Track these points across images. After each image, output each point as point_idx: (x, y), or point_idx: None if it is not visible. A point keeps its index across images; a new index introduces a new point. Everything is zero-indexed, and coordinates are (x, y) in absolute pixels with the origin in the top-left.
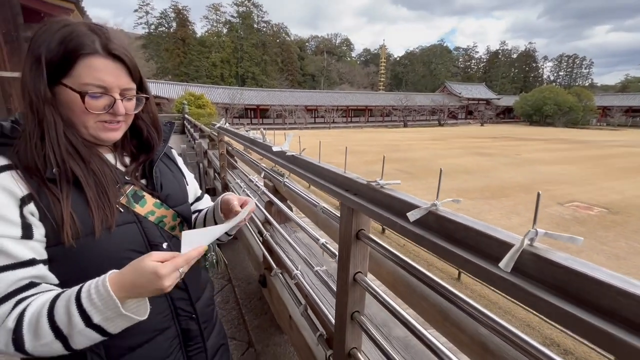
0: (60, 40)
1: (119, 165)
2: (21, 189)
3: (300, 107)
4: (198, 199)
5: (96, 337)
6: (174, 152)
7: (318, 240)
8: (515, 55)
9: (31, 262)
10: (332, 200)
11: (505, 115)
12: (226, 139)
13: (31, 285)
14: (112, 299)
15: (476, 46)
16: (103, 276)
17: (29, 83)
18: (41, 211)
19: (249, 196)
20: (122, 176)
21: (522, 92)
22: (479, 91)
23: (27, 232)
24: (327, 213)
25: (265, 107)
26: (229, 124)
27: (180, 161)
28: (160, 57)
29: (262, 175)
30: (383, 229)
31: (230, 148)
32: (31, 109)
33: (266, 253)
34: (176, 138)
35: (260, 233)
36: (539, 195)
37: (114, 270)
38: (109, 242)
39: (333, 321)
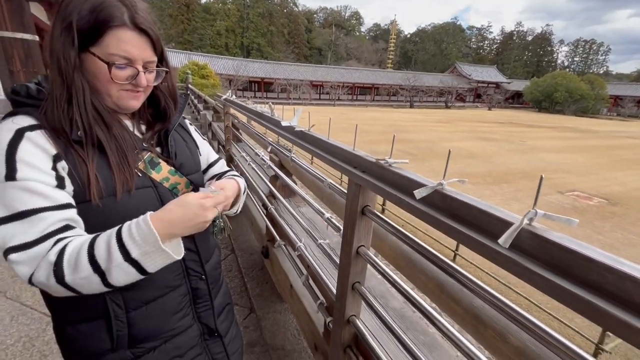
0: (91, 9)
1: (136, 132)
2: (52, 147)
3: (305, 82)
4: (212, 164)
5: (134, 273)
6: (187, 122)
7: (323, 214)
8: (530, 38)
9: (67, 206)
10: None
11: (514, 100)
12: (232, 111)
13: (68, 227)
14: (153, 233)
15: (490, 26)
16: (144, 215)
17: (59, 48)
18: (69, 170)
19: (254, 170)
20: (140, 142)
21: (533, 77)
22: (490, 74)
23: (60, 183)
24: (334, 189)
25: (270, 80)
26: (236, 96)
27: (192, 129)
28: (163, 23)
29: (269, 150)
30: (382, 209)
31: (235, 121)
32: (59, 74)
33: (270, 225)
34: None
35: (264, 206)
36: (541, 178)
37: (151, 212)
38: (128, 203)
39: (334, 290)
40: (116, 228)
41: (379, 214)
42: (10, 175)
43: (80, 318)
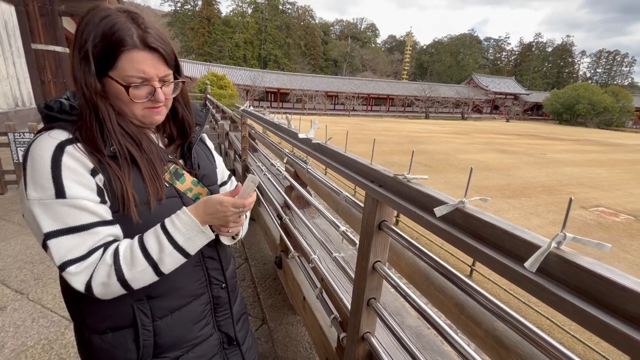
0: (102, 35)
1: (160, 145)
2: (89, 161)
3: (320, 92)
4: (225, 182)
5: (179, 258)
6: (206, 137)
7: (338, 227)
8: (550, 49)
9: (111, 222)
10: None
11: (534, 112)
12: (249, 121)
13: (115, 241)
14: (193, 220)
15: (508, 37)
16: (180, 210)
17: (81, 78)
18: (104, 182)
19: (269, 180)
20: (165, 154)
21: (553, 88)
22: (508, 85)
23: (102, 198)
24: (350, 202)
25: (286, 90)
26: (253, 106)
27: (211, 146)
28: (185, 35)
29: (285, 160)
30: (397, 221)
31: (252, 131)
32: (84, 99)
33: (284, 236)
34: None
35: (279, 217)
36: (570, 200)
37: (184, 208)
38: (159, 212)
39: (348, 305)
40: (158, 225)
41: (396, 229)
42: (60, 194)
43: (107, 327)
